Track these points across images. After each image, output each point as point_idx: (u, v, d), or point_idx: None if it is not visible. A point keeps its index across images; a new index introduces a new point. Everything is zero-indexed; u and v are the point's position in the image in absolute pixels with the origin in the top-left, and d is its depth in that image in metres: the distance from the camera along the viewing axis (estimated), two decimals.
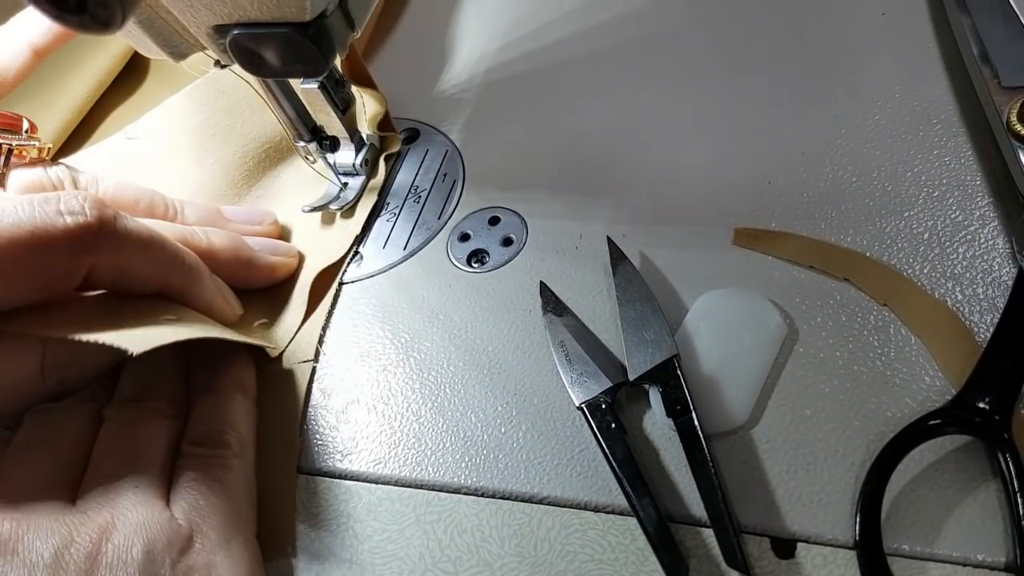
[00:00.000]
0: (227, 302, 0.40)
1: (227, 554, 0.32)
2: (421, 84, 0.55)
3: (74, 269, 0.32)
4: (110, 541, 0.30)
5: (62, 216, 0.31)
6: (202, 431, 0.35)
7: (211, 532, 0.32)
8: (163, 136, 0.52)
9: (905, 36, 0.46)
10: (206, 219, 0.44)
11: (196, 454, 0.34)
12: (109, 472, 0.32)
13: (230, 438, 0.35)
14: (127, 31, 0.36)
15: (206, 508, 0.32)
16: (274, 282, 0.44)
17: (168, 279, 0.36)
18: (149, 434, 0.34)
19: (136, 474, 0.32)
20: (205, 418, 0.36)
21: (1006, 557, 0.29)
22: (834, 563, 0.30)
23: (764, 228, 0.40)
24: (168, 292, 0.37)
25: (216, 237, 0.41)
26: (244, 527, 0.34)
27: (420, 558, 0.34)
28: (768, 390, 0.35)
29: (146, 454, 0.34)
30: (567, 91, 0.51)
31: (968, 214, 0.38)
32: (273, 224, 0.46)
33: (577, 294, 0.40)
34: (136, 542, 0.30)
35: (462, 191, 0.47)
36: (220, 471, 0.34)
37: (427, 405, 0.38)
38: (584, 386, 0.35)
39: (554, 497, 0.34)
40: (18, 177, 0.41)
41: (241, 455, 0.36)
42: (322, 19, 0.34)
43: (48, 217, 0.31)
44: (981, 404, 0.31)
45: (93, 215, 0.32)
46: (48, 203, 0.31)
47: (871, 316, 0.36)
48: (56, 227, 0.31)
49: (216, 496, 0.33)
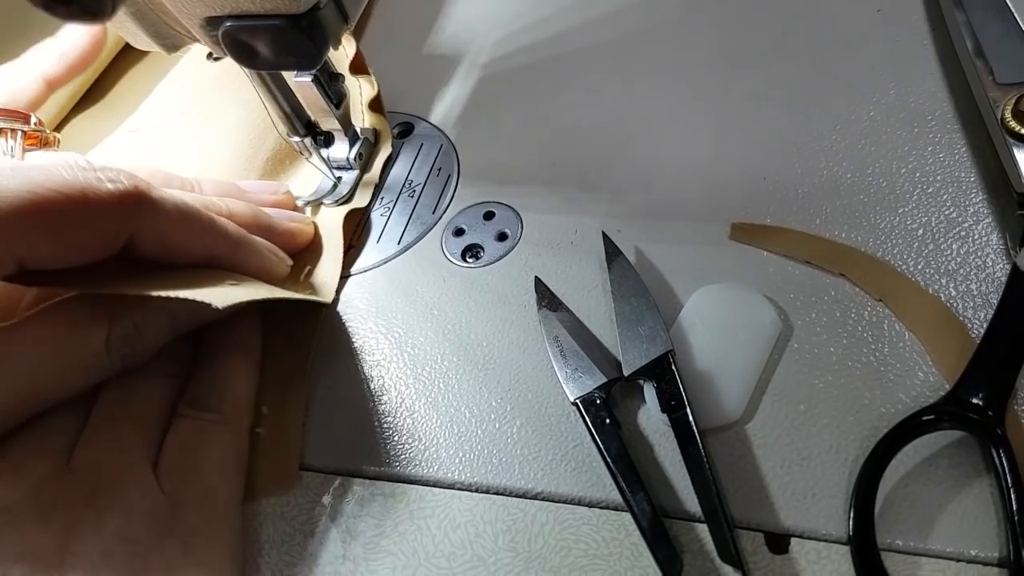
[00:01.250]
0: (279, 258, 0.41)
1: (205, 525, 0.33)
2: (416, 78, 0.55)
3: (119, 229, 0.32)
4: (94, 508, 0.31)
5: (104, 182, 0.32)
6: (198, 392, 0.36)
7: (192, 502, 0.33)
8: (163, 125, 0.52)
9: (900, 32, 0.47)
10: (223, 191, 0.44)
11: (189, 416, 0.35)
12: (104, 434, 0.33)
13: (224, 403, 0.36)
14: (118, 22, 0.36)
15: (189, 475, 0.33)
16: (294, 248, 0.44)
17: (211, 248, 0.36)
18: (145, 394, 0.35)
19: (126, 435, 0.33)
20: (203, 379, 0.37)
21: (999, 552, 0.29)
22: (828, 558, 0.30)
23: (760, 223, 0.40)
24: (214, 261, 0.37)
25: (236, 205, 0.41)
26: (227, 499, 0.34)
27: (414, 553, 0.34)
28: (763, 386, 0.35)
29: (138, 415, 0.34)
30: (562, 86, 0.51)
31: (962, 210, 0.38)
32: (287, 194, 0.46)
33: (572, 289, 0.40)
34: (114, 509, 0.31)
35: (457, 185, 0.47)
36: (208, 436, 0.35)
37: (421, 400, 0.38)
38: (579, 381, 0.35)
39: (548, 492, 0.34)
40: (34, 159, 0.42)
41: (234, 419, 0.36)
42: (315, 11, 0.34)
43: (93, 181, 0.31)
44: (975, 400, 0.31)
45: (131, 183, 0.32)
46: (89, 171, 0.32)
47: (865, 312, 0.36)
48: (102, 189, 0.31)
49: (201, 462, 0.34)
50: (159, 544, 0.31)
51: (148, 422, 0.34)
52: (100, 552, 0.30)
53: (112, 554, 0.30)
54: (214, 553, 0.32)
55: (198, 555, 0.32)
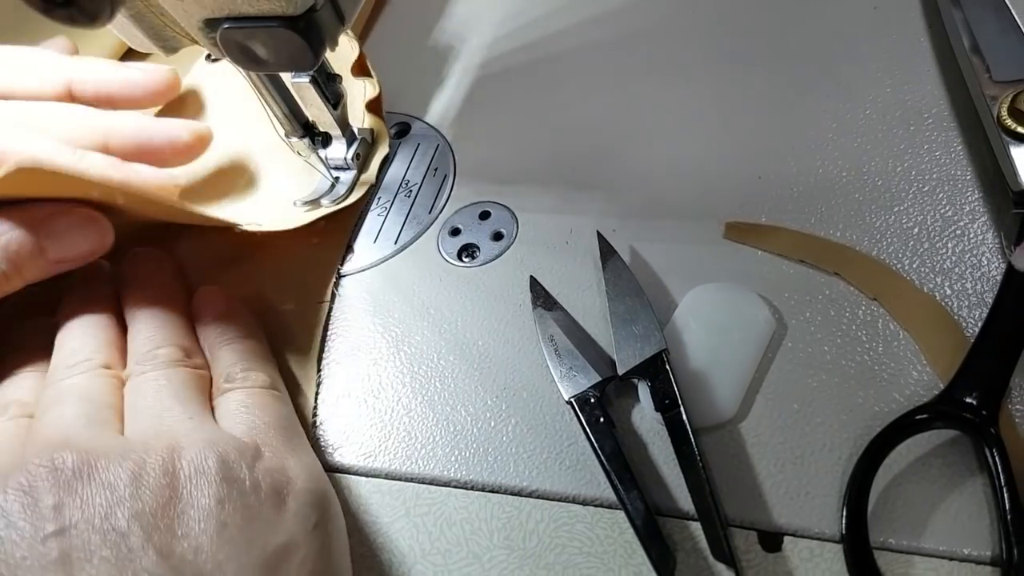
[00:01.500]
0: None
1: (296, 459, 0.32)
2: (412, 78, 0.55)
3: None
4: (183, 458, 0.29)
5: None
6: (232, 370, 0.36)
7: (275, 442, 0.32)
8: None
9: (897, 30, 0.47)
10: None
11: (233, 388, 0.35)
12: (153, 412, 0.32)
13: (262, 374, 0.36)
14: (117, 25, 0.36)
15: (261, 425, 0.33)
16: (185, 157, 0.45)
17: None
18: (180, 379, 0.34)
19: (184, 407, 0.33)
20: (230, 360, 0.36)
21: (992, 551, 0.29)
22: (820, 556, 0.30)
23: (755, 222, 0.40)
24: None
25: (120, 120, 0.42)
26: (302, 440, 0.35)
27: (410, 550, 0.34)
28: (756, 385, 0.35)
29: (183, 393, 0.34)
30: (558, 86, 0.51)
31: (958, 209, 0.38)
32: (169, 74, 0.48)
33: (567, 288, 0.40)
34: (209, 454, 0.30)
35: (453, 185, 0.47)
36: (263, 397, 0.35)
37: (417, 399, 0.38)
38: (573, 380, 0.35)
39: (543, 490, 0.34)
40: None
41: (274, 386, 0.36)
42: (312, 13, 0.34)
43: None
44: (968, 399, 0.31)
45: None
46: None
47: (860, 311, 0.36)
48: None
49: (268, 415, 0.34)
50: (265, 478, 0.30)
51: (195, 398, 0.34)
52: (214, 500, 0.29)
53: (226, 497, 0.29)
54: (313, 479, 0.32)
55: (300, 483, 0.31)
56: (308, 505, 0.31)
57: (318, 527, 0.30)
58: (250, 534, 0.28)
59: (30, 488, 0.28)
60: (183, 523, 0.28)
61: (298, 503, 0.30)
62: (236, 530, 0.28)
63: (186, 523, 0.28)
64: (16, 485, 0.28)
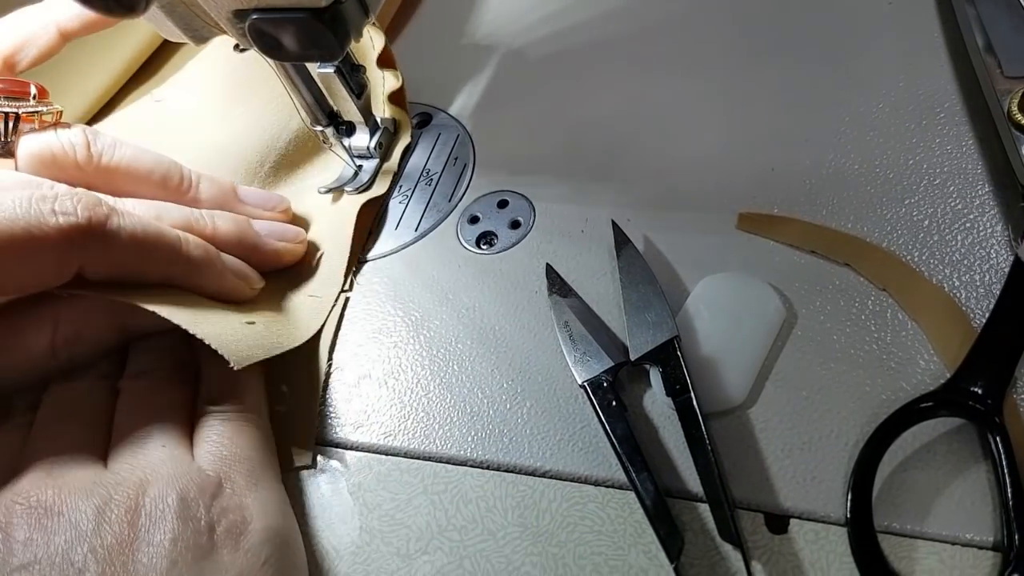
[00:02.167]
0: (243, 281, 0.41)
1: (256, 496, 0.33)
2: (435, 69, 0.56)
3: (63, 267, 0.33)
4: (147, 495, 0.31)
5: (55, 216, 0.32)
6: (216, 391, 0.37)
7: (238, 478, 0.33)
8: (189, 97, 0.53)
9: (911, 25, 0.47)
10: (218, 198, 0.44)
11: (213, 412, 0.36)
12: (135, 436, 0.34)
13: (243, 396, 0.37)
14: (150, 15, 0.37)
15: (230, 457, 0.34)
16: (279, 267, 0.44)
17: (167, 273, 0.37)
18: (166, 399, 0.36)
19: (161, 434, 0.34)
20: (217, 380, 0.37)
21: (994, 537, 0.30)
22: (826, 539, 0.31)
23: (767, 213, 0.41)
24: (170, 283, 0.37)
25: (222, 222, 0.41)
26: (268, 472, 0.35)
27: (427, 526, 0.35)
28: (766, 372, 0.36)
29: (166, 416, 0.35)
30: (576, 78, 0.52)
31: (968, 202, 0.39)
32: (285, 211, 0.46)
33: (582, 276, 0.41)
34: (170, 492, 0.31)
35: (472, 175, 0.48)
36: (239, 424, 0.36)
37: (436, 381, 0.39)
38: (587, 365, 0.36)
39: (556, 471, 0.35)
40: (28, 144, 0.40)
41: (256, 411, 0.37)
42: (338, 5, 0.34)
43: (42, 216, 0.32)
44: (974, 388, 0.32)
45: (84, 216, 0.33)
46: (44, 202, 0.32)
47: (869, 301, 0.37)
48: (50, 225, 0.32)
49: (237, 446, 0.35)
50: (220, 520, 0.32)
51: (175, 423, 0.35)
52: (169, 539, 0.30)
53: (179, 538, 0.30)
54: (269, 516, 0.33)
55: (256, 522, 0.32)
56: (260, 543, 0.32)
57: (268, 564, 0.32)
58: (197, 572, 0.30)
59: (5, 524, 0.30)
60: (136, 559, 0.29)
61: (250, 542, 0.32)
62: (185, 567, 0.30)
63: (139, 559, 0.29)
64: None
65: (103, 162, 0.41)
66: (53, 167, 0.39)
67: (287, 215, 0.47)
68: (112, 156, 0.41)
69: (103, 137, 0.41)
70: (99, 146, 0.41)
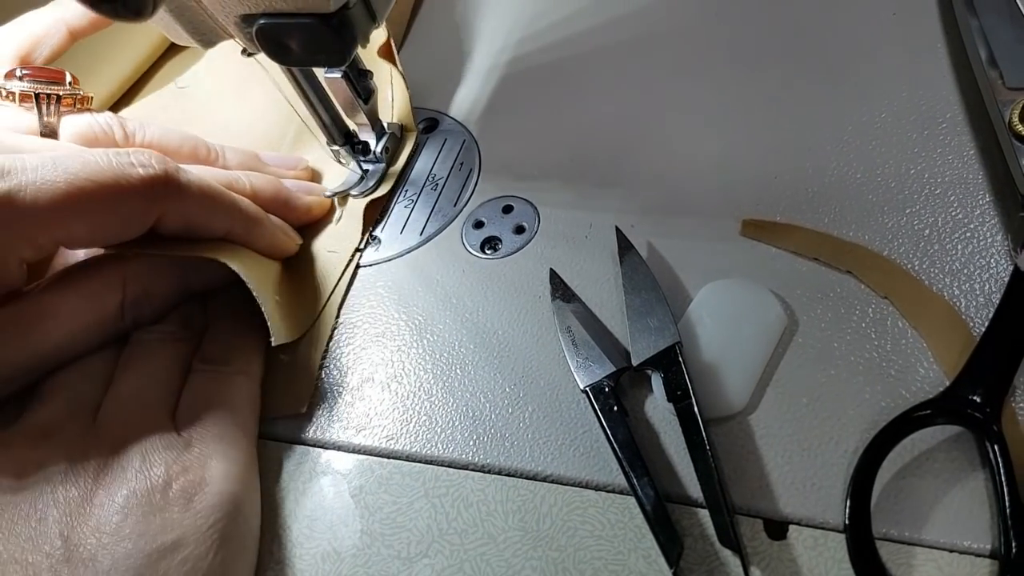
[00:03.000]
0: (288, 237, 0.44)
1: (220, 459, 0.35)
2: (441, 75, 0.56)
3: (148, 214, 0.35)
4: (117, 453, 0.33)
5: (136, 167, 0.34)
6: (211, 350, 0.39)
7: (209, 438, 0.35)
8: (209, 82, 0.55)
9: (914, 36, 0.47)
10: (245, 163, 0.47)
11: (203, 370, 0.38)
12: (126, 393, 0.36)
13: (237, 356, 0.39)
14: (158, 19, 0.37)
15: (207, 418, 0.36)
16: (311, 221, 0.47)
17: (230, 226, 0.39)
18: (165, 355, 0.38)
19: (151, 389, 0.36)
20: (216, 338, 0.39)
21: (991, 544, 0.30)
22: (824, 545, 0.31)
23: (770, 220, 0.41)
24: (231, 237, 0.40)
25: (257, 180, 0.44)
26: (242, 438, 0.37)
27: (428, 529, 0.35)
28: (766, 378, 0.36)
29: (160, 372, 0.37)
30: (582, 84, 0.52)
31: (968, 212, 0.39)
32: (305, 169, 0.49)
33: (585, 281, 0.41)
34: (135, 453, 0.33)
35: (478, 180, 0.48)
36: (224, 386, 0.37)
37: (438, 384, 0.40)
38: (589, 370, 0.36)
39: (557, 475, 0.35)
40: (70, 124, 0.43)
41: (246, 372, 0.39)
42: (345, 11, 0.35)
43: (125, 168, 0.34)
44: (973, 396, 0.32)
45: (161, 168, 0.35)
46: (122, 155, 0.34)
47: (869, 309, 0.37)
48: (134, 176, 0.34)
49: (218, 407, 0.36)
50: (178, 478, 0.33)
51: (167, 381, 0.37)
52: (124, 494, 0.32)
53: (134, 492, 0.32)
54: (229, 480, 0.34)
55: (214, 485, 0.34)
56: (212, 507, 0.33)
57: (215, 528, 0.33)
58: (143, 528, 0.31)
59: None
60: (92, 512, 0.32)
61: (203, 504, 0.33)
62: (133, 522, 0.31)
63: (94, 512, 0.32)
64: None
65: (137, 140, 0.44)
66: (96, 145, 0.42)
67: (308, 173, 0.49)
68: (144, 135, 0.44)
69: (129, 120, 0.45)
70: (130, 127, 0.44)
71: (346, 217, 0.47)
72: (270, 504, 0.37)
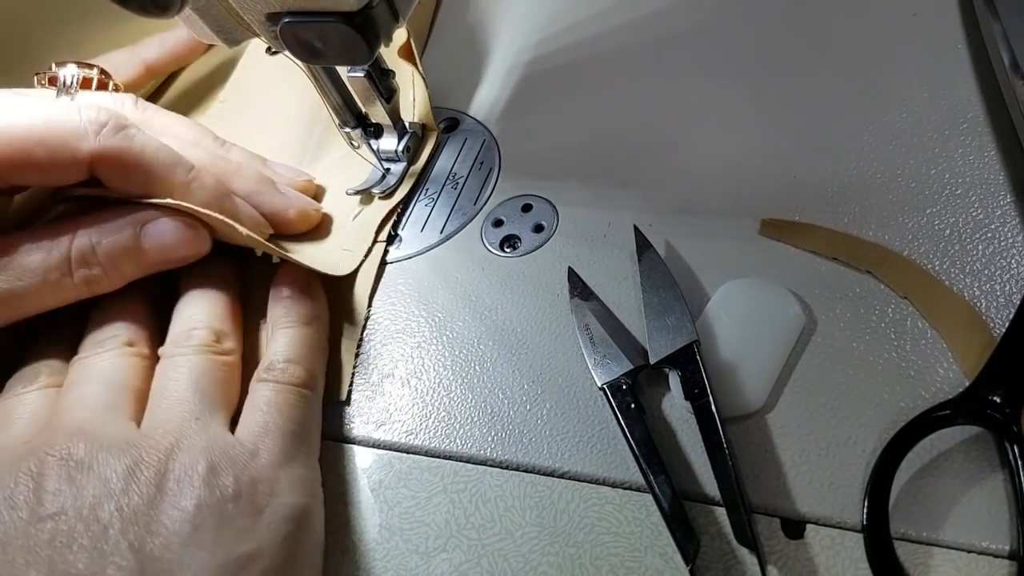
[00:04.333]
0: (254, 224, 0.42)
1: (288, 471, 0.34)
2: (462, 75, 0.56)
3: (76, 158, 0.36)
4: (176, 460, 0.32)
5: (79, 113, 0.36)
6: (277, 361, 0.37)
7: (276, 450, 0.34)
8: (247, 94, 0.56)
9: (935, 37, 0.47)
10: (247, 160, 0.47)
11: (269, 380, 0.37)
12: (170, 403, 0.35)
13: (303, 370, 0.38)
14: (184, 16, 0.38)
15: (272, 429, 0.35)
16: (286, 227, 0.45)
17: (169, 193, 0.39)
18: (203, 368, 0.37)
19: (198, 401, 0.35)
20: (280, 350, 0.38)
21: (1010, 545, 0.30)
22: (842, 544, 0.31)
23: (789, 220, 0.41)
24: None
25: (247, 166, 0.44)
26: (308, 450, 0.36)
27: (446, 524, 0.35)
28: (784, 378, 0.36)
29: (203, 383, 0.36)
30: (601, 84, 0.52)
31: (989, 212, 0.39)
32: (309, 183, 0.48)
33: (603, 280, 0.41)
34: (200, 460, 0.32)
35: (497, 179, 0.49)
36: (290, 396, 0.36)
37: (457, 381, 0.40)
38: (607, 368, 0.36)
39: (575, 472, 0.35)
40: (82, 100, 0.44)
41: (312, 386, 0.38)
42: (368, 10, 0.35)
43: (67, 114, 0.35)
44: (993, 396, 0.32)
45: (104, 118, 0.36)
46: (75, 106, 0.36)
47: (889, 309, 0.37)
48: (70, 120, 0.35)
49: (283, 418, 0.35)
50: (248, 488, 0.32)
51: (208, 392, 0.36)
52: (193, 504, 0.31)
53: (204, 502, 0.31)
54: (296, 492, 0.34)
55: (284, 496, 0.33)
56: (284, 518, 0.32)
57: (288, 539, 0.32)
58: (218, 538, 0.30)
59: (38, 474, 0.31)
60: (160, 521, 0.30)
61: (275, 515, 0.32)
62: (206, 533, 0.30)
63: (163, 521, 0.30)
64: (27, 469, 0.31)
65: (146, 115, 0.45)
66: None
67: (311, 188, 0.49)
68: (155, 114, 0.45)
69: (151, 104, 0.46)
70: (145, 105, 0.45)
71: (365, 215, 0.47)
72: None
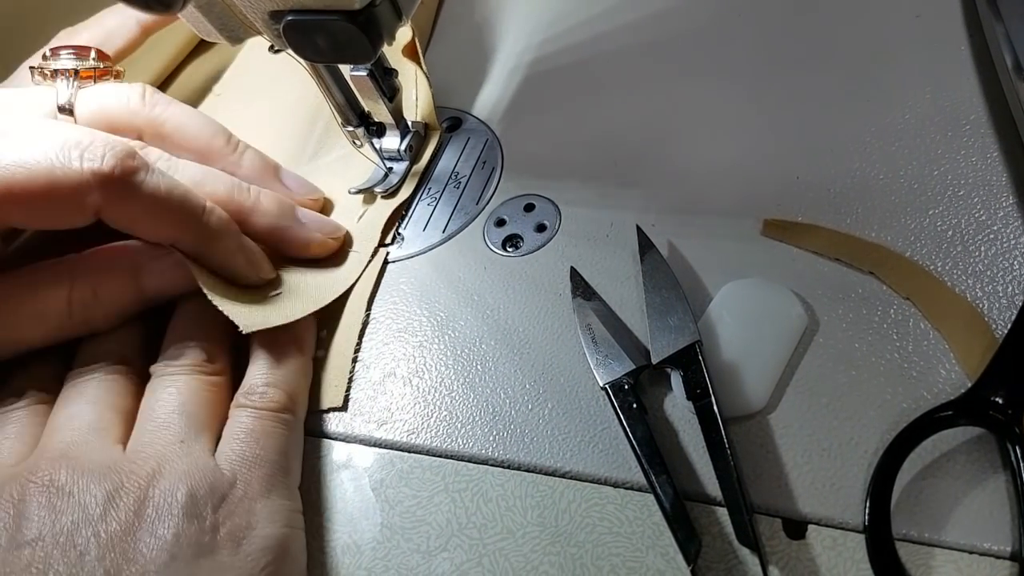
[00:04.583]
0: (250, 265, 0.40)
1: (266, 503, 0.34)
2: (465, 75, 0.56)
3: (82, 207, 0.35)
4: (157, 486, 0.32)
5: (78, 161, 0.34)
6: (256, 384, 0.37)
7: (254, 480, 0.34)
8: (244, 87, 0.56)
9: (938, 38, 0.47)
10: (260, 169, 0.46)
11: (248, 405, 0.36)
12: (155, 425, 0.35)
13: (283, 394, 0.37)
14: (187, 14, 0.38)
15: (251, 459, 0.34)
16: (306, 256, 0.44)
17: (177, 238, 0.38)
18: (191, 390, 0.36)
19: (182, 426, 0.35)
20: (260, 373, 0.38)
21: (1012, 546, 0.30)
22: (843, 545, 0.31)
23: (792, 220, 0.41)
24: (178, 247, 0.38)
25: (266, 199, 0.42)
26: (286, 480, 0.36)
27: (448, 524, 0.35)
28: (786, 378, 0.36)
29: (190, 405, 0.36)
30: (604, 84, 0.52)
31: (992, 214, 0.39)
32: (317, 199, 0.48)
33: (606, 280, 0.41)
34: (180, 487, 0.32)
35: (500, 178, 0.49)
36: (269, 424, 0.36)
37: (459, 380, 0.40)
38: (608, 368, 0.36)
39: (576, 472, 0.35)
40: (85, 97, 0.43)
41: (292, 411, 0.37)
42: (371, 8, 0.35)
43: (68, 161, 0.34)
44: (995, 397, 0.32)
45: (109, 165, 0.34)
46: (76, 148, 0.34)
47: (891, 310, 0.37)
48: (71, 169, 0.34)
49: (262, 448, 0.35)
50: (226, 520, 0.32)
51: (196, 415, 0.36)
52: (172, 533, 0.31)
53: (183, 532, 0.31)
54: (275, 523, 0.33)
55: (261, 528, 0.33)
56: (262, 549, 0.32)
57: (265, 570, 0.32)
58: (195, 570, 0.30)
59: (19, 500, 0.31)
60: (137, 549, 0.30)
61: (252, 546, 0.32)
62: (183, 564, 0.30)
63: (140, 549, 0.30)
64: (8, 496, 0.31)
65: (155, 111, 0.43)
66: (108, 116, 0.42)
67: (320, 204, 0.48)
68: (165, 108, 0.44)
69: (161, 94, 0.44)
70: (155, 98, 0.44)
71: (369, 216, 0.47)
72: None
